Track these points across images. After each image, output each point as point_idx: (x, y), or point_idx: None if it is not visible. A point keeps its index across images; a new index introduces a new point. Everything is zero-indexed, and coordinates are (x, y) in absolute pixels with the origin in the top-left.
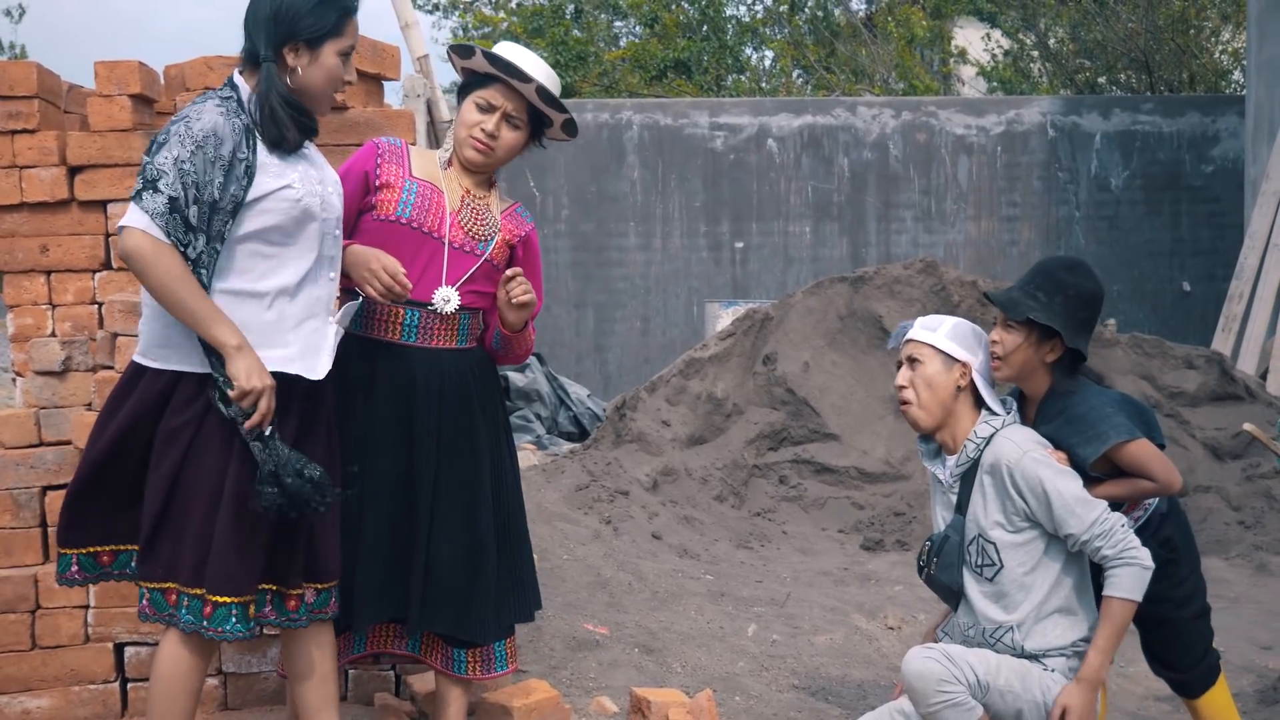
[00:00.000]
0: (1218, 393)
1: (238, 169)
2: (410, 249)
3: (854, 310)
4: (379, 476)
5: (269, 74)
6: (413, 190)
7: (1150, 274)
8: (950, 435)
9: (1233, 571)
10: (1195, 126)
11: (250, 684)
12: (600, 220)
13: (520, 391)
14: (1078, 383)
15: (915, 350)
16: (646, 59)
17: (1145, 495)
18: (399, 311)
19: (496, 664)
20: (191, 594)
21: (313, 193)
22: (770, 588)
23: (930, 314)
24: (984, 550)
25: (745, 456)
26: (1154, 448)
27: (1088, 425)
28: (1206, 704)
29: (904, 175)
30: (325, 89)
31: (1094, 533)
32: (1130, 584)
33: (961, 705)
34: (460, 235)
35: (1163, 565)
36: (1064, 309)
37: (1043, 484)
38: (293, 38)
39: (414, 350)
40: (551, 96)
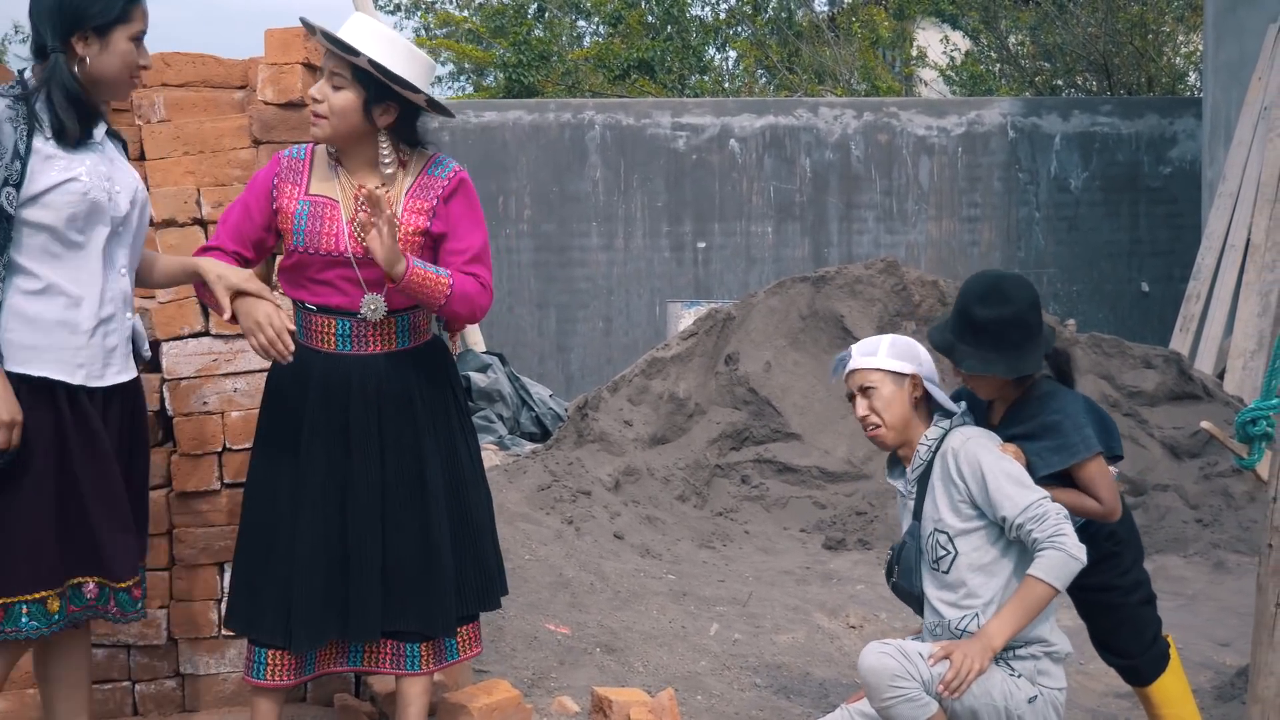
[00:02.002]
0: (1176, 392)
1: (16, 172)
2: (319, 270)
3: (816, 310)
4: (314, 486)
5: (55, 64)
6: (304, 214)
7: (1109, 274)
8: (909, 446)
9: (1190, 569)
10: (1154, 128)
11: (208, 685)
12: (562, 220)
13: (482, 392)
14: (1047, 388)
15: (864, 378)
16: (610, 58)
17: (1087, 514)
18: (331, 321)
19: (449, 654)
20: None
21: (100, 188)
22: (732, 587)
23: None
24: (938, 541)
25: (707, 456)
26: (1109, 472)
27: (1060, 434)
28: (1159, 690)
29: (865, 176)
30: (120, 76)
31: (1027, 515)
32: (1053, 568)
33: (915, 701)
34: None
35: (1107, 557)
36: (993, 344)
37: (981, 466)
38: (80, 26)
39: (349, 358)
40: (337, 41)
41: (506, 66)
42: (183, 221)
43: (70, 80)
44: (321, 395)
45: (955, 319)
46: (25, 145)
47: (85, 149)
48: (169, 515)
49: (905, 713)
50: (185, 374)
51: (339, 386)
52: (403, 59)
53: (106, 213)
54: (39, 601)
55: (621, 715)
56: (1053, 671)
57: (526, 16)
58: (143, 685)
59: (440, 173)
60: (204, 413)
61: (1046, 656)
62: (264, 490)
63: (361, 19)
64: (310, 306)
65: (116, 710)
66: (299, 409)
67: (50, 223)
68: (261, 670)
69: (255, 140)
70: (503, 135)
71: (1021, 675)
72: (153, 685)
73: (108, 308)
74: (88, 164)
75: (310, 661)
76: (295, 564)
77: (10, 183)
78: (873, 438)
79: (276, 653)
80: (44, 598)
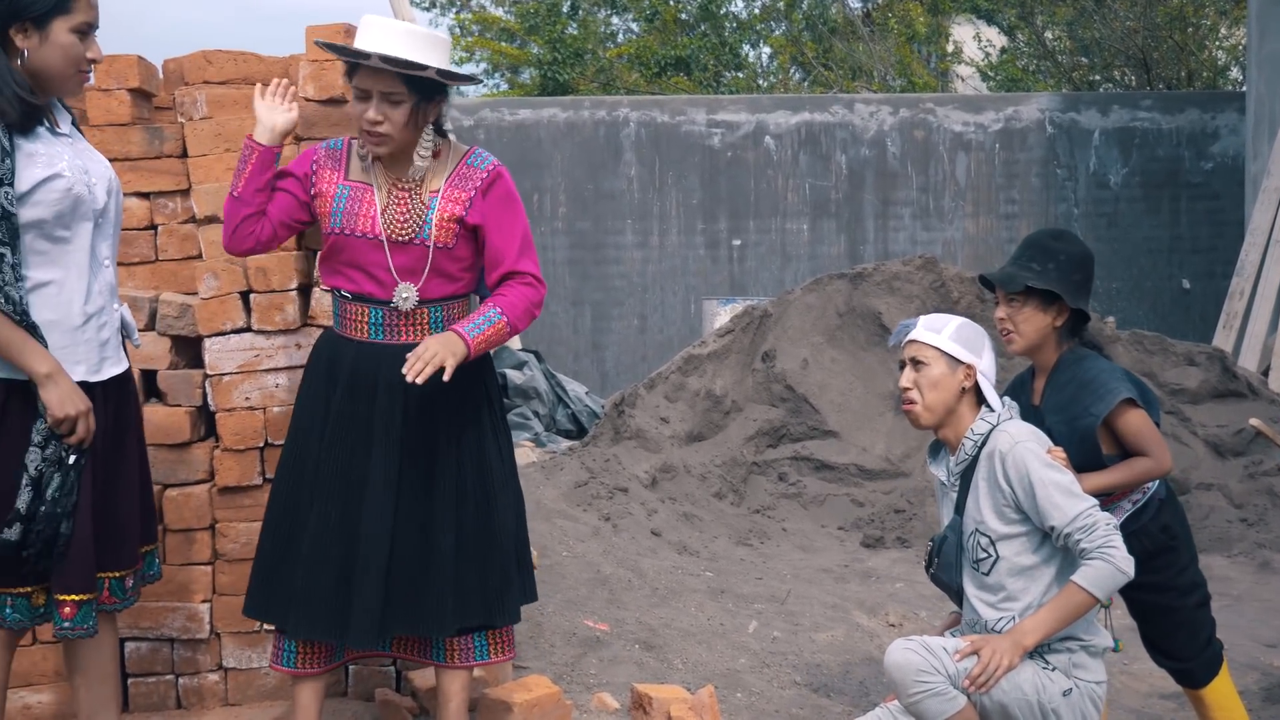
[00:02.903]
0: (1219, 390)
1: (8, 171)
2: (357, 255)
3: (853, 307)
4: (332, 476)
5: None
6: (343, 196)
7: (1149, 271)
8: (953, 433)
9: (1235, 569)
10: (1194, 123)
11: (250, 679)
12: (597, 218)
13: (518, 389)
14: (1084, 354)
15: (919, 351)
16: (645, 56)
17: (1141, 478)
18: (365, 310)
19: (477, 653)
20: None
21: (81, 181)
22: (770, 585)
23: (930, 311)
24: (979, 543)
25: (744, 453)
26: (1152, 423)
27: (1098, 385)
28: (1212, 693)
29: (902, 172)
30: (63, 69)
31: (1076, 525)
32: (1098, 579)
33: (942, 695)
34: (395, 229)
35: (1164, 552)
36: (1059, 274)
37: (1029, 474)
38: (16, 18)
39: (380, 347)
40: (406, 62)
41: (541, 64)
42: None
43: (4, 71)
44: (349, 384)
45: (1017, 255)
46: (9, 143)
47: (58, 142)
48: (211, 510)
49: (933, 707)
50: (227, 369)
51: (367, 376)
52: (440, 50)
53: (89, 206)
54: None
55: (662, 712)
56: (1090, 665)
57: (561, 14)
58: (185, 678)
59: (480, 164)
60: (246, 408)
61: (1083, 650)
62: (289, 477)
63: (378, 22)
64: (346, 294)
65: (160, 703)
66: (328, 397)
67: (37, 220)
68: (291, 658)
69: (297, 137)
70: (537, 133)
71: (1056, 669)
72: (195, 678)
73: (96, 301)
74: (66, 158)
75: (340, 648)
76: (303, 554)
77: (5, 182)
78: (906, 411)
79: (303, 641)
80: (30, 592)
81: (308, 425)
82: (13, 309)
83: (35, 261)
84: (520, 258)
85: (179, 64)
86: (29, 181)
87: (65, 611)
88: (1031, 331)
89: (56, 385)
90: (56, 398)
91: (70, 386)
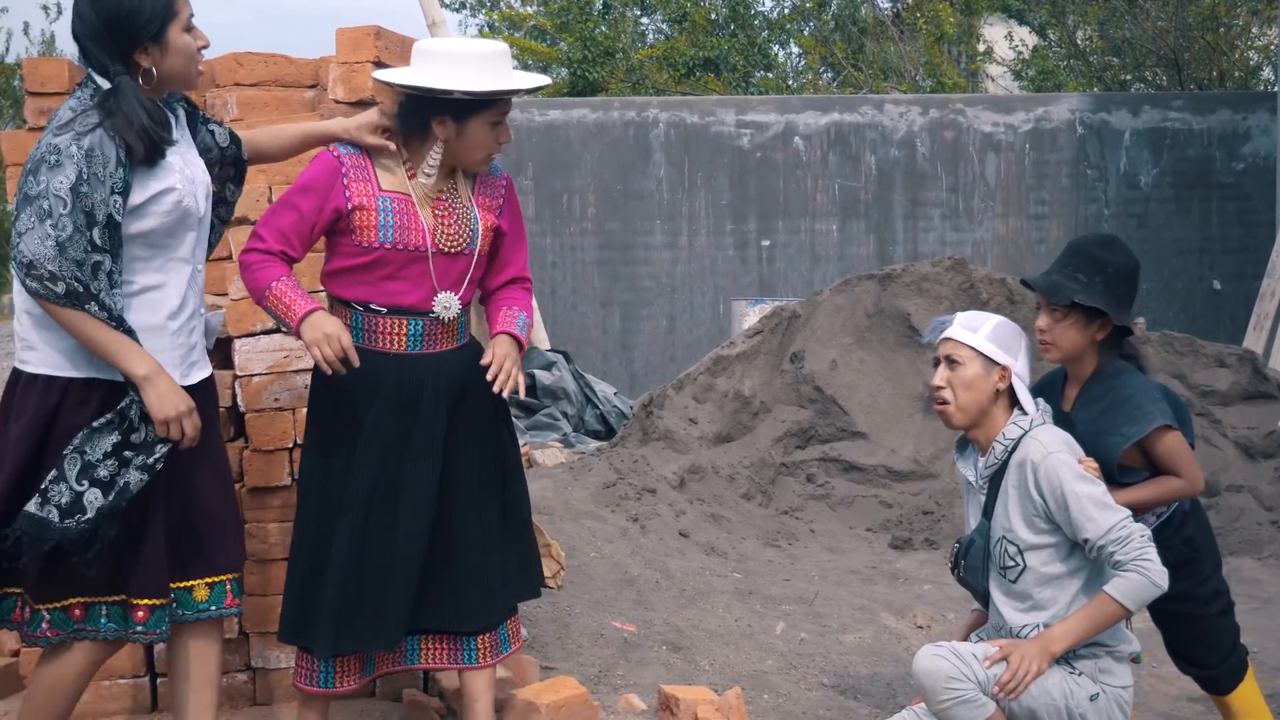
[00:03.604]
0: (1250, 391)
1: (120, 180)
2: (397, 268)
3: (882, 308)
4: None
5: (120, 88)
6: (388, 209)
7: (1180, 272)
8: (984, 434)
9: (1265, 572)
10: (1226, 123)
11: (279, 679)
12: (626, 218)
13: (546, 390)
14: (1122, 368)
15: (954, 350)
16: (674, 56)
17: (1172, 497)
18: (403, 323)
19: (503, 646)
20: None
21: (189, 192)
22: (798, 586)
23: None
24: (1007, 551)
25: (773, 455)
26: (1186, 444)
27: (1134, 406)
28: (1238, 699)
29: (931, 173)
30: (185, 68)
31: (1110, 538)
32: (1131, 591)
33: (972, 702)
34: (448, 241)
35: (1186, 563)
36: (1105, 287)
37: (1062, 486)
38: (137, 42)
39: (420, 358)
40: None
41: (571, 63)
42: (254, 219)
43: (134, 106)
44: (392, 399)
45: (1064, 263)
46: (126, 156)
47: (172, 152)
48: (241, 510)
49: (962, 714)
50: (257, 370)
51: (411, 388)
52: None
53: (194, 216)
54: (120, 604)
55: (689, 713)
56: (1116, 670)
57: (591, 13)
58: None
59: (496, 172)
60: (275, 409)
61: (1109, 655)
62: (316, 496)
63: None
64: (379, 309)
65: None
66: (362, 413)
67: (147, 230)
68: (329, 678)
69: None
70: (567, 133)
71: (1083, 674)
72: (224, 678)
73: (189, 306)
74: (178, 170)
75: (370, 661)
76: (334, 569)
77: (116, 190)
78: (939, 411)
79: (342, 658)
80: (123, 600)
81: (336, 442)
82: (107, 315)
83: (138, 268)
84: (524, 262)
85: (209, 66)
86: (144, 194)
87: (139, 615)
88: (1071, 344)
89: (155, 386)
90: (156, 399)
91: (170, 386)
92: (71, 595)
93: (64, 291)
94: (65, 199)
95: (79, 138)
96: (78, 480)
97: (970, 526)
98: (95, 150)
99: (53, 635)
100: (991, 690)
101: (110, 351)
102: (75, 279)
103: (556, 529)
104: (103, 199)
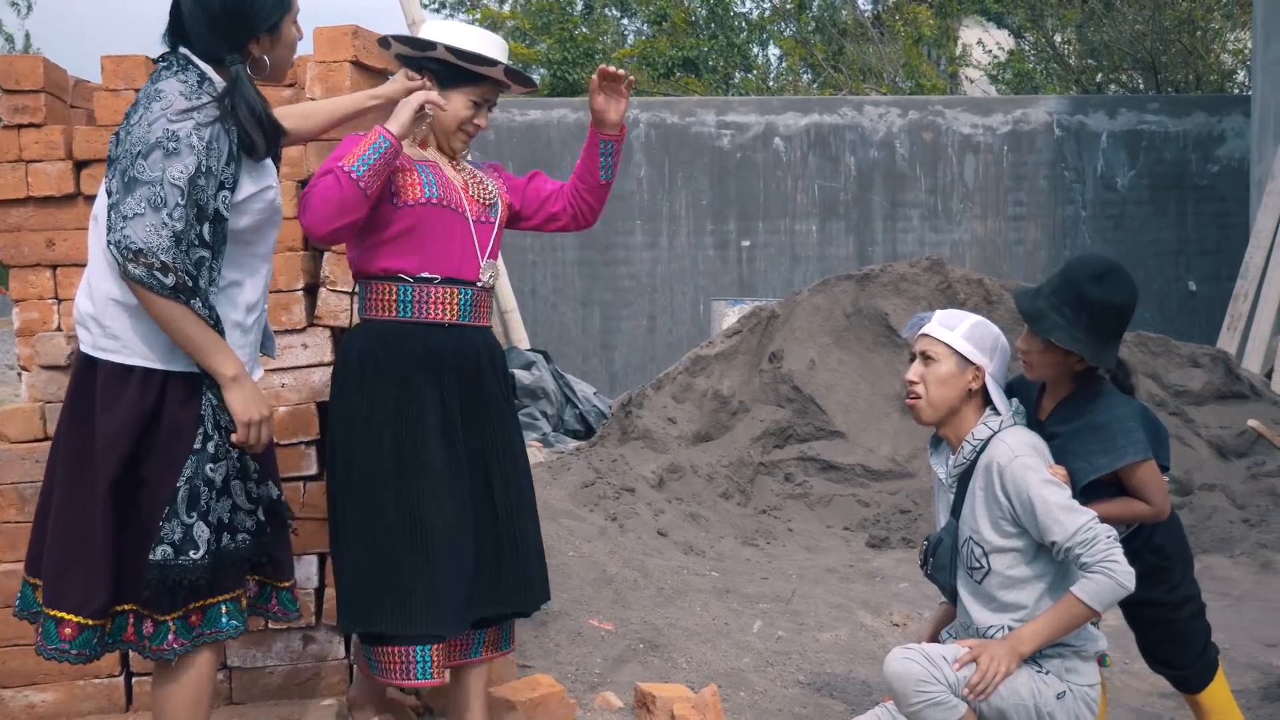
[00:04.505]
0: (1223, 391)
1: (230, 177)
2: (443, 229)
3: (860, 308)
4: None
5: (238, 79)
6: (425, 169)
7: (1156, 273)
8: (954, 433)
9: (1237, 569)
10: (1201, 126)
11: (255, 678)
12: (607, 218)
13: (526, 389)
14: (1101, 389)
15: (929, 346)
16: (654, 56)
17: (1135, 519)
18: (454, 292)
19: (503, 643)
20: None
21: (280, 191)
22: (775, 584)
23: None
24: (974, 552)
25: (751, 454)
26: (1158, 473)
27: (1108, 436)
28: (1209, 698)
29: (910, 174)
30: (289, 59)
31: (1076, 540)
32: (1098, 593)
33: (943, 704)
34: (476, 207)
35: (1156, 571)
36: (1089, 325)
37: (1028, 490)
38: (254, 32)
39: (472, 330)
40: (520, 75)
41: (551, 64)
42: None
43: (255, 96)
44: (456, 370)
45: (1055, 289)
46: (236, 149)
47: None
48: None
49: (933, 716)
50: None
51: (471, 359)
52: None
53: (280, 214)
54: (235, 599)
55: (665, 711)
56: (1082, 669)
57: (572, 13)
58: None
59: (479, 166)
60: None
61: (1075, 655)
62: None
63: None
64: (432, 278)
65: None
66: (425, 387)
67: (242, 227)
68: (427, 669)
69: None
70: (547, 133)
71: (1050, 673)
72: None
73: (262, 303)
74: (272, 167)
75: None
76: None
77: (225, 186)
78: (909, 405)
79: (436, 646)
80: (238, 595)
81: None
82: (209, 313)
83: (228, 264)
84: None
85: None
86: (247, 191)
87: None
88: (1047, 371)
89: (243, 388)
90: (241, 401)
91: (255, 390)
92: (189, 601)
93: (173, 284)
94: (183, 189)
95: (200, 128)
96: (187, 513)
97: (940, 524)
98: (214, 143)
99: (179, 646)
100: (962, 692)
101: (203, 349)
102: (186, 273)
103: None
104: (213, 194)
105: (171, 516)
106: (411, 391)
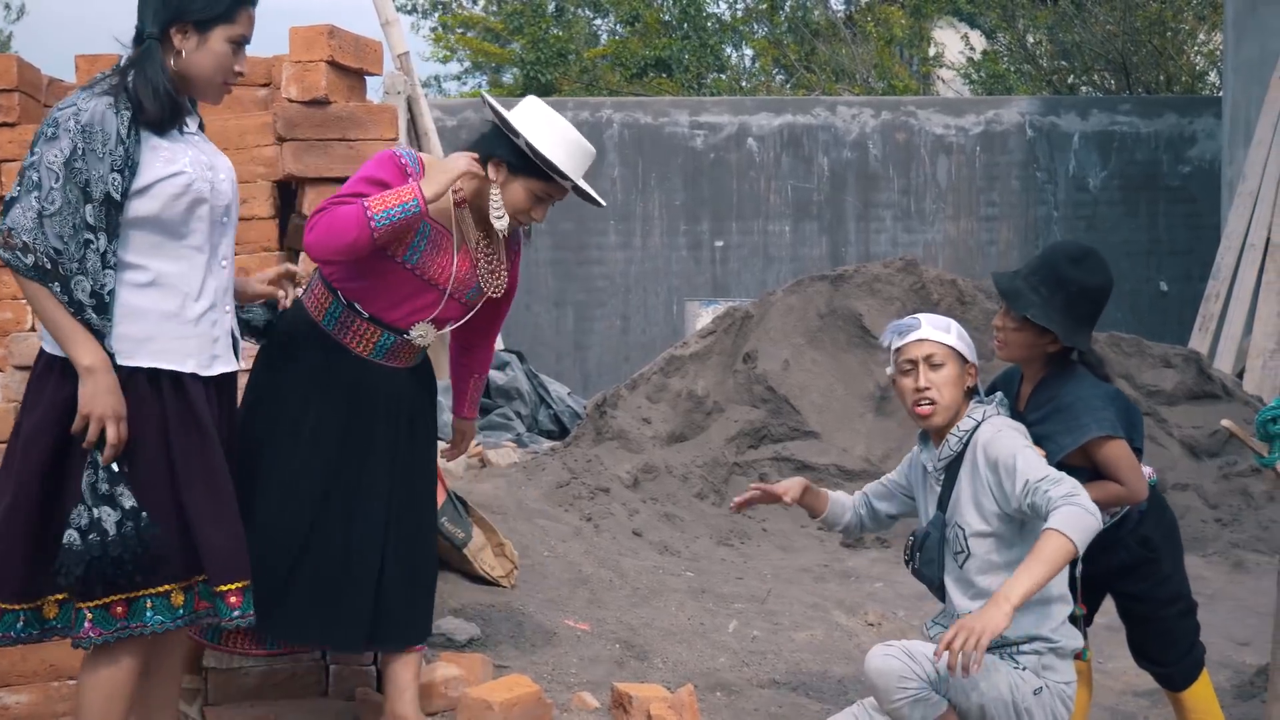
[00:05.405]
0: (1195, 391)
1: (120, 158)
2: (406, 291)
3: (834, 308)
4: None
5: (147, 51)
6: (424, 235)
7: (1128, 274)
8: (947, 429)
9: (1210, 569)
10: (1173, 127)
11: (230, 679)
12: (580, 219)
13: (500, 389)
14: (1073, 372)
15: (934, 351)
16: (627, 57)
17: (1110, 502)
18: (377, 332)
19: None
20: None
21: (203, 178)
22: (751, 584)
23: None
24: (957, 536)
25: (726, 454)
26: (1129, 451)
27: (1072, 416)
28: (1191, 697)
29: (883, 175)
30: (212, 76)
31: (1048, 478)
32: (1070, 520)
33: (925, 700)
34: (463, 286)
35: (1143, 563)
36: (1064, 306)
37: (1010, 450)
38: (181, 18)
39: (377, 368)
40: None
41: (524, 64)
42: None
43: (158, 71)
44: (350, 398)
45: (1034, 270)
46: (130, 132)
47: (183, 140)
48: None
49: (915, 713)
50: None
51: (369, 395)
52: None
53: (209, 203)
54: (163, 595)
55: (641, 711)
56: (1058, 666)
57: (544, 14)
58: None
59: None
60: None
61: (1052, 652)
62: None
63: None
64: (362, 312)
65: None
66: (311, 400)
67: (156, 214)
68: (219, 635)
69: (279, 138)
70: None
71: (1026, 669)
72: None
73: (207, 298)
74: (189, 155)
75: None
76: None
77: (115, 168)
78: (925, 414)
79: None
80: (168, 591)
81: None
82: (68, 300)
83: (151, 254)
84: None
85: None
86: (150, 176)
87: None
88: (1020, 350)
89: (95, 380)
90: (89, 392)
91: (109, 386)
92: (113, 593)
93: (32, 264)
94: (57, 172)
95: (79, 112)
96: (94, 500)
97: (924, 518)
98: (94, 125)
99: (95, 635)
100: (944, 669)
101: (63, 335)
102: (47, 255)
103: (510, 528)
104: (100, 176)
105: (79, 502)
106: (301, 393)
